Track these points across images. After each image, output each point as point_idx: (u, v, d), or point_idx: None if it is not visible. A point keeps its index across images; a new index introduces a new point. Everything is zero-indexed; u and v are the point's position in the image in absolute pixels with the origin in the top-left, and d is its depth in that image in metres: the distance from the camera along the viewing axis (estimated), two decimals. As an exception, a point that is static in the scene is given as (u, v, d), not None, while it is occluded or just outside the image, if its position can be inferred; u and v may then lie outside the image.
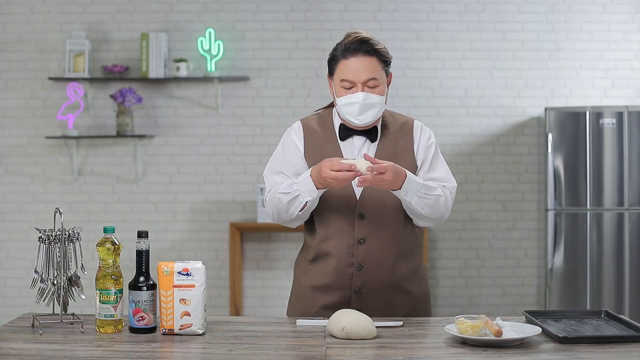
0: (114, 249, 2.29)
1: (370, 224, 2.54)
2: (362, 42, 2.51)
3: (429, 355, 2.05)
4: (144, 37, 5.68)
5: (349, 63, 2.51)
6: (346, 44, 2.52)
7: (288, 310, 2.73)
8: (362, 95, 2.50)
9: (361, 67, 2.50)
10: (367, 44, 2.51)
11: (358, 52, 2.50)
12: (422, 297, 2.67)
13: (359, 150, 2.59)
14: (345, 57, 2.51)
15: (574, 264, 5.42)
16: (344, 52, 2.52)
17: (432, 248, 5.81)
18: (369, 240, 2.54)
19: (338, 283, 2.57)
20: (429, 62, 5.85)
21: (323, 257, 2.60)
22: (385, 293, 2.57)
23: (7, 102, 5.87)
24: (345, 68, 2.51)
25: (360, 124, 2.54)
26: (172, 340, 2.19)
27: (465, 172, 5.83)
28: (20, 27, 5.85)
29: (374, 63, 2.51)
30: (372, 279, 2.55)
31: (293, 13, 5.84)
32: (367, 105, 2.51)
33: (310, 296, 2.62)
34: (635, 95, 5.86)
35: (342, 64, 2.52)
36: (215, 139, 5.85)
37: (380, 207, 2.55)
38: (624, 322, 2.31)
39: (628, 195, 5.39)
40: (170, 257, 5.68)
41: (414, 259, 2.63)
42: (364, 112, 2.52)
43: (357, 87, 2.50)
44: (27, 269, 5.77)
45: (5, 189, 5.88)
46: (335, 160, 2.40)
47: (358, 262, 2.55)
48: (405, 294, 2.61)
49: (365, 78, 2.50)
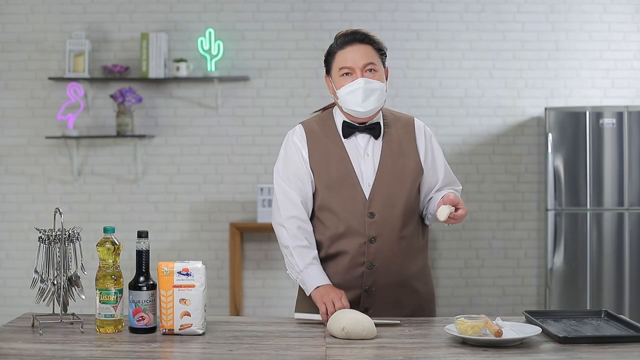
0: (114, 249, 2.29)
1: (380, 223, 2.55)
2: (355, 32, 2.57)
3: (429, 355, 2.05)
4: (144, 37, 5.68)
5: (345, 52, 2.55)
6: (340, 37, 2.59)
7: (296, 309, 2.72)
8: (362, 81, 2.52)
9: (358, 54, 2.54)
10: (360, 32, 2.57)
11: (353, 41, 2.56)
12: (428, 296, 2.69)
13: (364, 149, 2.59)
14: (342, 47, 2.57)
15: (574, 264, 5.42)
16: (340, 44, 2.58)
17: (432, 248, 5.81)
18: (380, 239, 2.54)
19: (349, 282, 2.57)
20: (429, 62, 5.85)
21: (334, 256, 2.60)
22: (394, 291, 2.58)
23: (7, 102, 5.87)
24: (343, 57, 2.56)
25: (364, 110, 2.53)
26: (172, 340, 2.19)
27: (465, 172, 5.83)
28: (20, 27, 5.85)
29: (370, 50, 2.56)
30: (382, 278, 2.56)
31: (293, 13, 5.84)
32: (369, 91, 2.52)
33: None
34: (635, 95, 5.86)
35: (339, 55, 2.57)
36: (215, 139, 5.85)
37: (390, 205, 2.55)
38: (624, 322, 2.31)
39: (628, 195, 5.39)
40: (170, 257, 5.68)
41: (421, 258, 2.65)
42: (367, 98, 2.52)
43: (356, 73, 2.53)
44: (27, 269, 5.77)
45: (5, 189, 5.88)
46: (340, 304, 2.39)
47: (369, 260, 2.55)
48: (412, 292, 2.62)
49: (363, 63, 2.53)
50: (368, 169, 2.58)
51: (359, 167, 2.58)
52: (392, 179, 2.57)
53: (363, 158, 2.58)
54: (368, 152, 2.59)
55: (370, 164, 2.58)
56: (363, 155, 2.58)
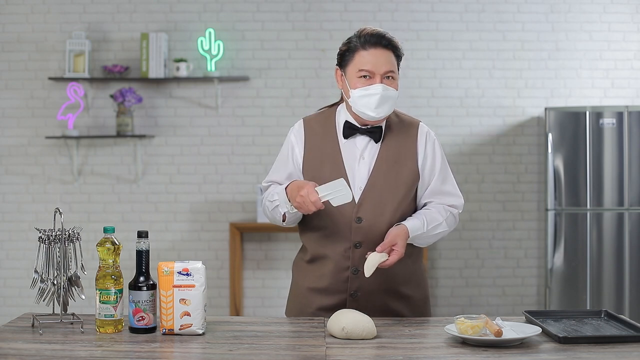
0: (114, 249, 2.29)
1: (367, 228, 2.52)
2: (382, 36, 2.51)
3: (429, 355, 2.05)
4: (144, 37, 5.68)
5: (368, 54, 2.49)
6: (365, 35, 2.51)
7: (286, 309, 2.74)
8: (381, 87, 2.48)
9: (382, 59, 2.49)
10: (386, 38, 2.51)
11: (378, 45, 2.50)
12: (420, 301, 2.65)
13: (361, 152, 2.56)
14: (365, 47, 2.50)
15: (574, 264, 5.42)
16: (363, 43, 2.50)
17: (432, 248, 5.81)
18: (365, 244, 2.51)
19: (334, 286, 2.56)
20: (429, 62, 5.85)
21: (320, 259, 2.59)
22: (381, 297, 2.55)
23: (7, 102, 5.87)
24: (365, 59, 2.49)
25: (376, 116, 2.51)
26: (172, 340, 2.19)
27: (465, 172, 5.83)
28: (20, 27, 5.85)
29: (392, 57, 2.52)
30: (368, 283, 2.52)
31: (293, 13, 5.84)
32: (386, 98, 2.49)
33: (307, 297, 2.62)
34: (635, 95, 5.86)
35: (360, 55, 2.50)
36: (215, 139, 5.85)
37: (379, 211, 2.52)
38: (624, 322, 2.31)
39: (628, 195, 5.39)
40: (170, 257, 5.68)
41: (411, 263, 2.60)
42: (382, 105, 2.49)
43: (376, 78, 2.49)
44: (27, 269, 5.77)
45: (5, 189, 5.88)
46: (313, 191, 2.37)
47: (354, 265, 2.53)
48: (401, 297, 2.60)
49: (385, 70, 2.49)
50: (362, 173, 2.55)
51: (352, 170, 2.55)
52: (384, 184, 2.53)
53: (358, 161, 2.56)
54: (364, 156, 2.56)
55: (365, 168, 2.55)
56: (359, 158, 2.56)
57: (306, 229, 2.63)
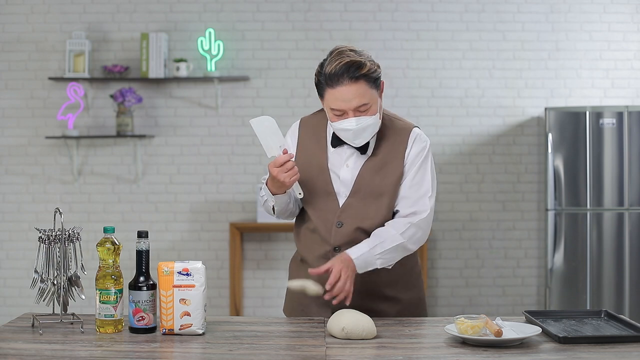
0: (114, 249, 2.29)
1: (347, 233, 2.52)
2: (347, 68, 2.37)
3: (429, 355, 2.05)
4: (144, 37, 5.68)
5: (335, 92, 2.39)
6: (330, 72, 2.39)
7: (284, 306, 2.77)
8: (354, 122, 2.42)
9: (349, 95, 2.38)
10: (352, 69, 2.37)
11: (343, 80, 2.37)
12: (412, 302, 2.64)
13: (345, 161, 2.55)
14: (331, 86, 2.39)
15: (574, 264, 5.42)
16: (328, 81, 2.40)
17: (432, 248, 5.81)
18: (344, 248, 2.50)
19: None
20: (429, 62, 5.85)
21: (305, 260, 2.63)
22: (364, 300, 2.52)
23: (7, 102, 5.87)
24: (333, 97, 2.40)
25: (357, 145, 2.50)
26: (172, 340, 2.19)
27: (465, 172, 5.84)
28: (20, 27, 5.85)
29: (362, 87, 2.39)
30: None
31: (293, 13, 5.84)
32: (361, 130, 2.44)
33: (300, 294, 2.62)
34: (635, 95, 5.86)
35: (329, 93, 2.41)
36: (215, 139, 5.85)
37: (360, 218, 2.52)
38: (624, 322, 2.31)
39: (628, 195, 5.39)
40: (170, 257, 5.68)
41: (397, 266, 2.57)
42: (359, 136, 2.46)
43: (348, 114, 2.42)
44: (27, 269, 5.77)
45: (5, 189, 5.88)
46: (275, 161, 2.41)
47: None
48: (387, 299, 2.59)
49: (355, 105, 2.39)
50: (346, 179, 2.54)
51: (338, 176, 2.55)
52: (367, 193, 2.52)
53: (343, 167, 2.55)
54: (348, 164, 2.54)
55: (349, 175, 2.54)
56: (344, 165, 2.55)
57: (296, 230, 2.67)
